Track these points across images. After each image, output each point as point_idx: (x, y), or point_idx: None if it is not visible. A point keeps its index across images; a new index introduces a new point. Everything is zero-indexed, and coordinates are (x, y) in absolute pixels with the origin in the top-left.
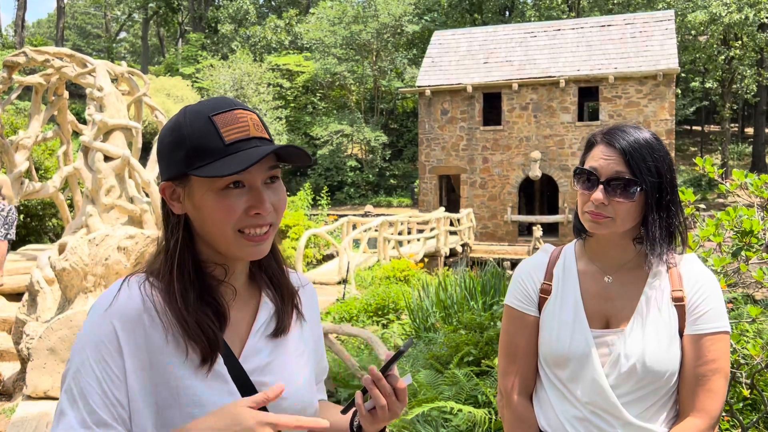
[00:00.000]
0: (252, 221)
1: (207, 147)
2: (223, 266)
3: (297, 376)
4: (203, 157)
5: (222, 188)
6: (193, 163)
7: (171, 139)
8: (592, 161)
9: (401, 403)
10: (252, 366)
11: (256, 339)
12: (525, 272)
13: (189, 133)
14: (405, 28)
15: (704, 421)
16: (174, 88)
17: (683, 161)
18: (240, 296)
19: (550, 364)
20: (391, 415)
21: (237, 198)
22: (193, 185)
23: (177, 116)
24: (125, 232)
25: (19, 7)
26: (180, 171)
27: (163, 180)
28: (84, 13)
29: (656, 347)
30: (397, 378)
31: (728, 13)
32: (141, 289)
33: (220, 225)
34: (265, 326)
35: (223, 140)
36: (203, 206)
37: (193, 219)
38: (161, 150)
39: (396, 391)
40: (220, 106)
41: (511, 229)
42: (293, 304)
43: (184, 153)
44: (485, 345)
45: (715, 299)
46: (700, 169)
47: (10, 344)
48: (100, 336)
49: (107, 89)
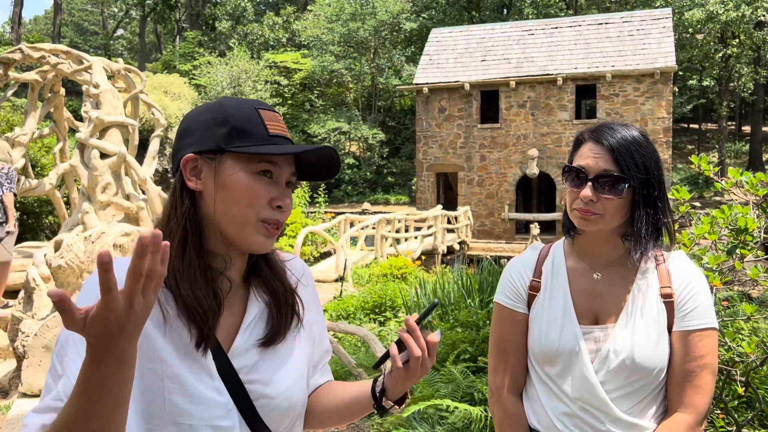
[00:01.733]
0: (273, 213)
1: (251, 131)
2: (224, 258)
3: (287, 376)
4: (246, 138)
5: (255, 172)
6: (233, 142)
7: (212, 115)
8: (580, 159)
9: (431, 359)
10: (241, 364)
11: (245, 337)
12: (514, 270)
13: (235, 113)
14: (403, 25)
15: (692, 416)
16: (171, 85)
17: (680, 159)
18: (231, 294)
19: (540, 360)
20: (422, 371)
21: (266, 186)
22: (225, 163)
23: (219, 100)
24: (121, 230)
25: (15, 3)
26: (216, 145)
27: (186, 153)
28: (81, 9)
29: (645, 343)
30: (429, 331)
31: (725, 10)
32: None
33: (245, 208)
34: (255, 323)
35: (267, 130)
36: (232, 185)
37: (211, 199)
38: (193, 125)
39: (428, 345)
40: (262, 104)
41: (508, 226)
42: (292, 310)
43: (227, 130)
44: (482, 342)
45: (703, 296)
46: (696, 167)
47: (5, 342)
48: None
49: (104, 86)
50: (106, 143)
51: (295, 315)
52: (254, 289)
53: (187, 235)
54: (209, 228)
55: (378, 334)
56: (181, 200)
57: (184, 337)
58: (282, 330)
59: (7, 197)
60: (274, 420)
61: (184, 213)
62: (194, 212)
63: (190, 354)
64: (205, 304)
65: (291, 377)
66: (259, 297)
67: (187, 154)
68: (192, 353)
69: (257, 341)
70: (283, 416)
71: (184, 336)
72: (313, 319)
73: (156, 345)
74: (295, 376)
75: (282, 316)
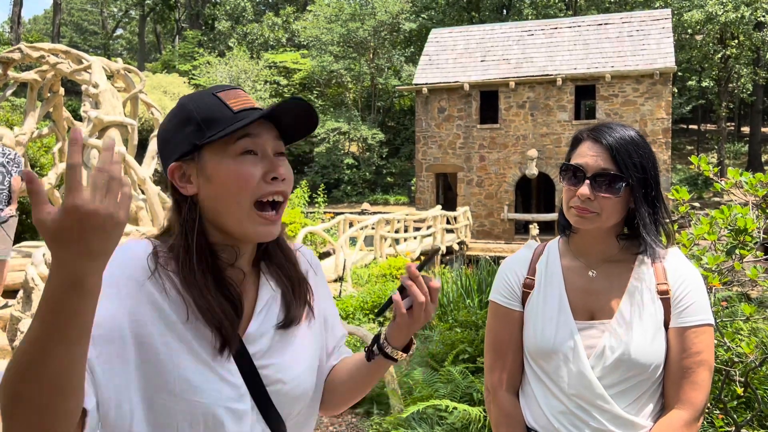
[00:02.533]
0: (269, 187)
1: (216, 116)
2: (234, 248)
3: (299, 362)
4: (214, 126)
5: (237, 154)
6: (204, 134)
7: (177, 119)
8: (578, 157)
9: (434, 304)
10: (255, 349)
11: (259, 322)
12: (508, 268)
13: (196, 107)
14: (402, 25)
15: (689, 412)
16: (171, 85)
17: (679, 160)
18: (245, 280)
19: (536, 357)
20: (426, 316)
21: (253, 164)
22: (206, 158)
23: (177, 104)
24: None
25: (15, 3)
26: (191, 145)
27: (169, 163)
28: (81, 9)
29: (641, 339)
30: (430, 278)
31: (725, 11)
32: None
33: (237, 195)
34: (268, 308)
35: (232, 109)
36: (219, 176)
37: (206, 197)
38: (166, 134)
39: (430, 291)
40: (221, 87)
41: (507, 227)
42: (305, 298)
43: (194, 126)
44: (480, 343)
45: (698, 293)
46: (696, 167)
47: (4, 341)
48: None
49: (103, 86)
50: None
51: (306, 303)
52: (265, 275)
53: (189, 244)
54: (212, 227)
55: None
56: (179, 210)
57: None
58: (297, 315)
59: (15, 180)
60: (286, 406)
61: (183, 222)
62: (195, 217)
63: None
64: (219, 310)
65: (303, 364)
66: (270, 282)
67: (170, 165)
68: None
69: (273, 326)
70: (294, 402)
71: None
72: (324, 305)
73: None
74: (306, 363)
75: (297, 300)
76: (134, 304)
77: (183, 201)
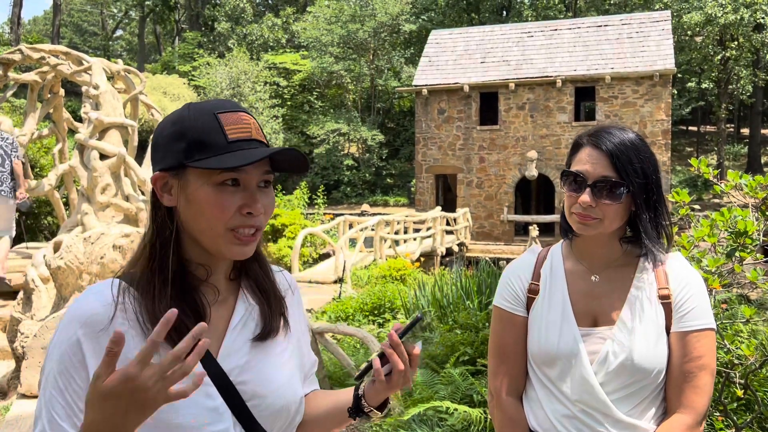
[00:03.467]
0: (243, 221)
1: (210, 141)
2: (206, 266)
3: (278, 374)
4: (204, 150)
5: (218, 183)
6: (193, 156)
7: (172, 130)
8: (579, 164)
9: (413, 370)
10: (230, 365)
11: (233, 337)
12: (512, 273)
13: (192, 126)
14: (402, 27)
15: (691, 417)
16: (170, 86)
17: (679, 161)
18: (221, 296)
19: (539, 363)
20: (404, 382)
21: (232, 195)
22: (189, 178)
23: (180, 110)
24: (121, 231)
25: (14, 3)
26: (178, 161)
27: (156, 170)
28: (80, 10)
29: (644, 344)
30: (413, 345)
31: (724, 13)
32: (113, 291)
33: (212, 221)
34: (244, 323)
35: (227, 137)
36: (197, 200)
37: (183, 213)
38: (159, 140)
39: (410, 357)
40: (225, 106)
41: (507, 228)
42: (280, 310)
43: (186, 144)
44: (481, 344)
45: (700, 297)
46: (695, 169)
47: (4, 343)
48: (64, 347)
49: (103, 87)
50: (105, 144)
51: (282, 315)
52: (243, 289)
53: (155, 251)
54: (188, 239)
55: (377, 335)
56: (155, 216)
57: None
58: (274, 326)
59: (17, 165)
60: (268, 420)
61: (155, 230)
62: (170, 226)
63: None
64: (183, 329)
65: (282, 377)
66: (248, 296)
67: (155, 173)
68: None
69: (248, 339)
70: (276, 416)
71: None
72: (299, 328)
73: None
74: (286, 376)
75: (273, 312)
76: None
77: (160, 210)
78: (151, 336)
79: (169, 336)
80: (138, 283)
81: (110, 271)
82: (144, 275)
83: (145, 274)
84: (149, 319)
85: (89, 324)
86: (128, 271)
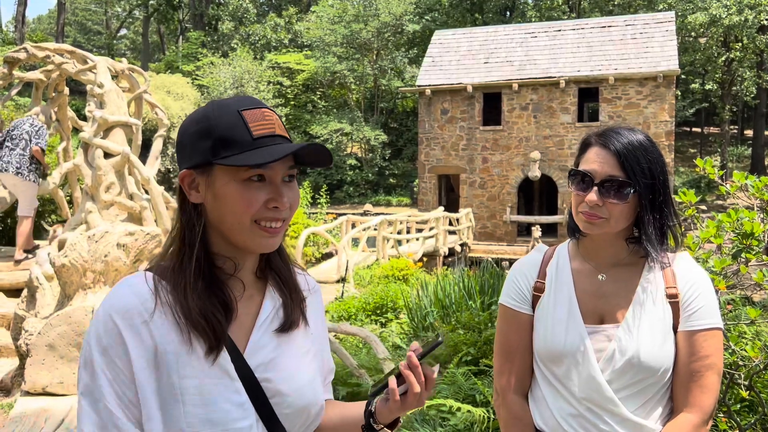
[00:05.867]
0: (269, 214)
1: (235, 138)
2: (233, 260)
3: (301, 374)
4: (230, 147)
5: (245, 179)
6: (218, 153)
7: (197, 128)
8: (587, 163)
9: (428, 392)
10: (256, 362)
11: (260, 333)
12: (519, 271)
13: (217, 124)
14: (405, 27)
15: (698, 416)
16: (174, 85)
17: (682, 163)
18: (247, 291)
19: (545, 360)
20: (418, 403)
21: (258, 191)
22: (216, 174)
23: (204, 108)
24: (125, 229)
25: (19, 2)
26: (204, 159)
27: (182, 168)
28: (84, 9)
29: (650, 343)
30: (430, 368)
31: (728, 14)
32: (148, 284)
33: (239, 215)
34: (270, 320)
35: (251, 134)
36: (224, 196)
37: (210, 209)
38: (184, 139)
39: (426, 379)
40: (248, 103)
41: (510, 229)
42: (300, 303)
43: (211, 142)
44: (483, 344)
45: (708, 296)
46: (700, 170)
47: (8, 340)
48: (106, 339)
49: (108, 86)
50: (109, 143)
51: (301, 310)
52: (270, 286)
53: (184, 247)
54: (215, 233)
55: (379, 335)
56: (184, 213)
57: (195, 344)
58: (295, 319)
59: (35, 150)
60: (289, 419)
61: (183, 226)
62: (198, 223)
63: (208, 360)
64: (210, 315)
65: (305, 377)
66: (274, 292)
67: (183, 171)
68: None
69: (274, 335)
70: (297, 415)
71: (198, 345)
72: (321, 334)
73: (170, 355)
74: (309, 376)
75: (294, 306)
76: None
77: (188, 207)
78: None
79: (200, 325)
80: (169, 276)
81: (114, 269)
82: (174, 269)
83: (175, 269)
84: (182, 312)
85: (127, 316)
86: (159, 264)
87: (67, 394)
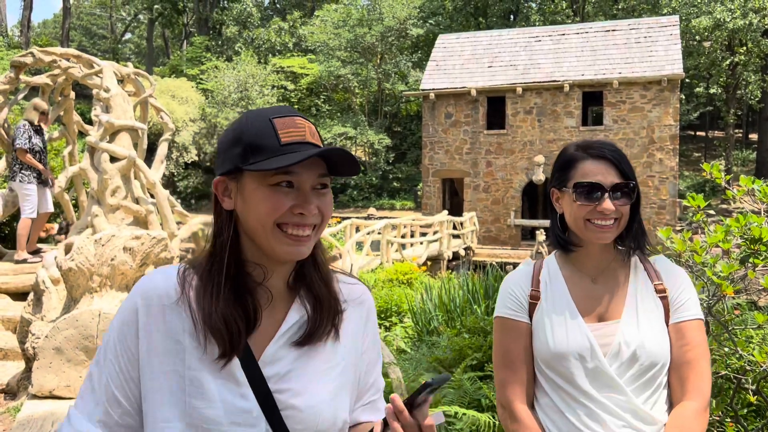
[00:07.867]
0: (294, 219)
1: (263, 145)
2: (263, 267)
3: (319, 391)
4: (258, 154)
5: (273, 185)
6: (247, 159)
7: (231, 137)
8: (587, 176)
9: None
10: (271, 372)
11: (279, 345)
12: (513, 282)
13: (247, 130)
14: (409, 31)
15: (698, 402)
16: (179, 89)
17: (687, 167)
18: (274, 301)
19: (551, 364)
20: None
21: (285, 196)
22: (246, 180)
23: (240, 117)
24: (131, 233)
25: (25, 7)
26: (234, 165)
27: (217, 175)
28: (89, 13)
29: (651, 334)
30: (426, 414)
31: (732, 18)
32: (179, 277)
33: (262, 218)
34: (292, 332)
35: (279, 140)
36: (252, 200)
37: (241, 214)
38: (220, 147)
39: (422, 429)
40: (281, 112)
41: (514, 233)
42: (333, 316)
43: (241, 149)
44: (488, 349)
45: (690, 290)
46: (706, 174)
47: (15, 343)
48: (125, 315)
49: (114, 90)
50: (115, 147)
51: (333, 325)
52: (300, 297)
53: (215, 251)
54: (247, 240)
55: (384, 339)
56: (217, 219)
57: (210, 347)
58: (318, 333)
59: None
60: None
61: (216, 233)
62: (230, 229)
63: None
64: (231, 322)
65: (324, 393)
66: (305, 304)
67: (216, 178)
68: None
69: (293, 344)
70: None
71: (211, 346)
72: (361, 348)
73: (183, 349)
74: (329, 394)
75: (321, 320)
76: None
77: (222, 213)
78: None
79: (218, 331)
80: (200, 275)
81: (120, 272)
82: (204, 271)
83: (205, 270)
84: (201, 314)
85: (147, 297)
86: (195, 261)
87: (74, 398)
